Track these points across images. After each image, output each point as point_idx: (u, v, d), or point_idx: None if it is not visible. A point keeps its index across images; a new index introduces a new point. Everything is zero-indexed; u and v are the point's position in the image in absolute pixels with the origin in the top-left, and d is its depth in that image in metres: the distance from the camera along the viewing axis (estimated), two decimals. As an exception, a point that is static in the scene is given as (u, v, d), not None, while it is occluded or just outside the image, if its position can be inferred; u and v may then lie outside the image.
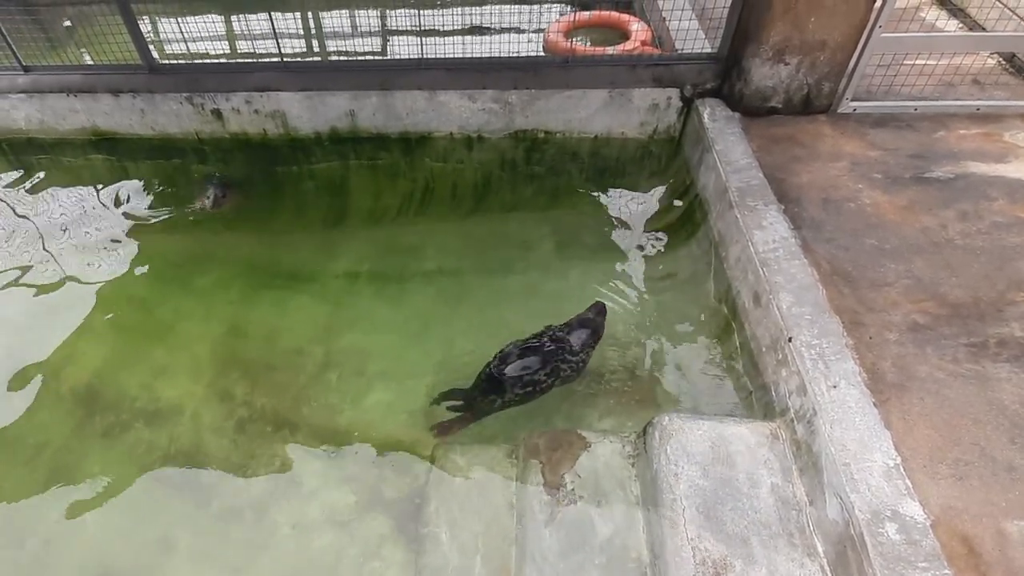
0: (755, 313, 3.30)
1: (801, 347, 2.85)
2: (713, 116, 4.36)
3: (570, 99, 4.61)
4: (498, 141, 4.92)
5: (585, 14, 5.87)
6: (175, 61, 5.73)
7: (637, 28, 5.77)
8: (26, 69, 5.19)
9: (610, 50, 5.00)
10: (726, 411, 3.28)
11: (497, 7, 6.03)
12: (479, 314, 4.09)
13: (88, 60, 6.40)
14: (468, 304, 4.15)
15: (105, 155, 5.48)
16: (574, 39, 5.73)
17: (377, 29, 6.72)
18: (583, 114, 4.69)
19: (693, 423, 2.88)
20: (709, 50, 4.48)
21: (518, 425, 3.46)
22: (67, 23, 7.16)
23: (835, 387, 2.69)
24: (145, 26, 6.11)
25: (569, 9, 6.62)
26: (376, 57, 6.09)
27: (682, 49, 4.56)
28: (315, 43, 6.90)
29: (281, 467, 3.46)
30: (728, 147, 4.06)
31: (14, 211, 5.18)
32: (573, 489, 2.91)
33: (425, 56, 4.52)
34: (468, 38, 4.93)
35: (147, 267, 4.63)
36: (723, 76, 4.44)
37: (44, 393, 3.80)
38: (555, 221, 4.71)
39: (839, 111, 4.35)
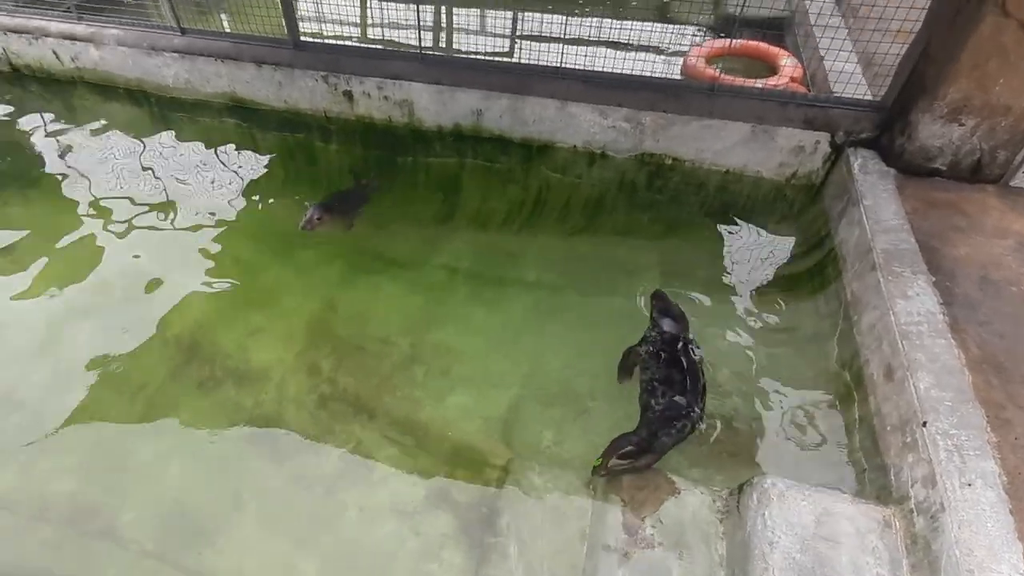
0: (885, 388, 3.26)
1: (936, 435, 2.80)
2: (865, 168, 4.34)
3: (708, 129, 4.76)
4: (622, 161, 5.13)
5: (730, 42, 6.00)
6: (318, 39, 6.41)
7: (788, 63, 5.83)
8: (183, 31, 6.03)
9: (756, 83, 5.09)
10: (829, 485, 3.24)
11: (637, 24, 6.29)
12: (573, 333, 4.27)
13: (227, 28, 7.31)
14: (563, 321, 4.34)
15: (237, 121, 6.23)
16: (715, 67, 5.87)
17: (507, 31, 7.18)
18: (719, 146, 4.81)
19: (798, 492, 2.89)
20: (870, 97, 4.48)
21: (598, 454, 3.58)
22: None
23: (970, 485, 2.63)
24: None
25: (709, 35, 6.78)
26: (503, 60, 6.51)
27: (839, 93, 4.59)
28: (443, 38, 7.46)
29: (355, 449, 3.77)
30: (878, 204, 4.04)
31: (136, 157, 5.97)
32: (653, 534, 3.00)
33: (563, 65, 4.82)
34: (601, 52, 5.19)
35: (256, 233, 5.18)
36: (883, 127, 4.42)
37: (153, 336, 4.35)
38: (667, 251, 4.84)
39: (1011, 184, 4.20)
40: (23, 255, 4.85)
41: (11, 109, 6.57)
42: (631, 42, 6.03)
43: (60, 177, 5.66)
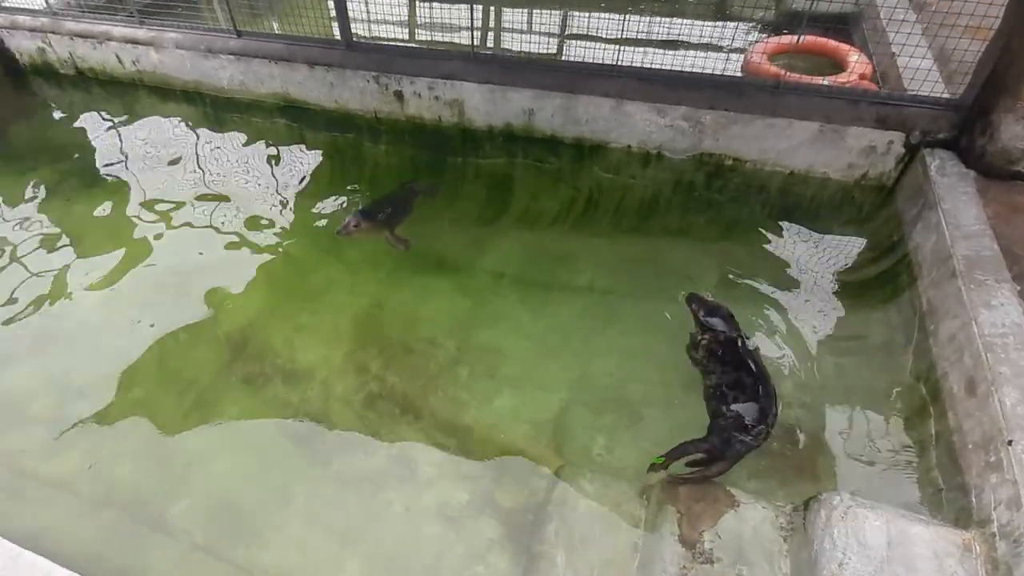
0: (966, 403, 3.09)
1: (1023, 454, 2.64)
2: (942, 170, 4.16)
3: (772, 128, 4.65)
4: (679, 162, 5.06)
5: (794, 38, 5.85)
6: (369, 40, 6.57)
7: (856, 60, 5.65)
8: (239, 34, 6.28)
9: (822, 81, 4.95)
10: (902, 504, 3.10)
11: (694, 21, 6.22)
12: (624, 338, 4.21)
13: (276, 29, 7.56)
14: (615, 326, 4.30)
15: (289, 121, 6.44)
16: (778, 64, 5.74)
17: (558, 30, 7.20)
18: (783, 146, 4.70)
19: (870, 511, 2.77)
20: (948, 96, 4.30)
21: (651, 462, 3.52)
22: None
23: (1063, 509, 2.47)
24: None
25: (769, 32, 6.64)
26: (556, 59, 6.53)
27: (914, 91, 4.42)
28: (492, 38, 7.53)
29: (402, 449, 3.81)
30: (958, 208, 3.86)
31: (191, 154, 6.22)
32: (712, 549, 2.91)
33: (619, 63, 4.80)
34: (656, 50, 5.14)
35: (305, 232, 5.32)
36: (962, 128, 4.23)
37: (204, 331, 4.50)
38: (725, 254, 4.73)
39: (1106, 188, 3.95)
40: (86, 252, 5.11)
41: (77, 111, 6.95)
42: (687, 40, 5.96)
43: (120, 176, 5.95)
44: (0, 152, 6.40)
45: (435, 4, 7.77)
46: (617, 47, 4.85)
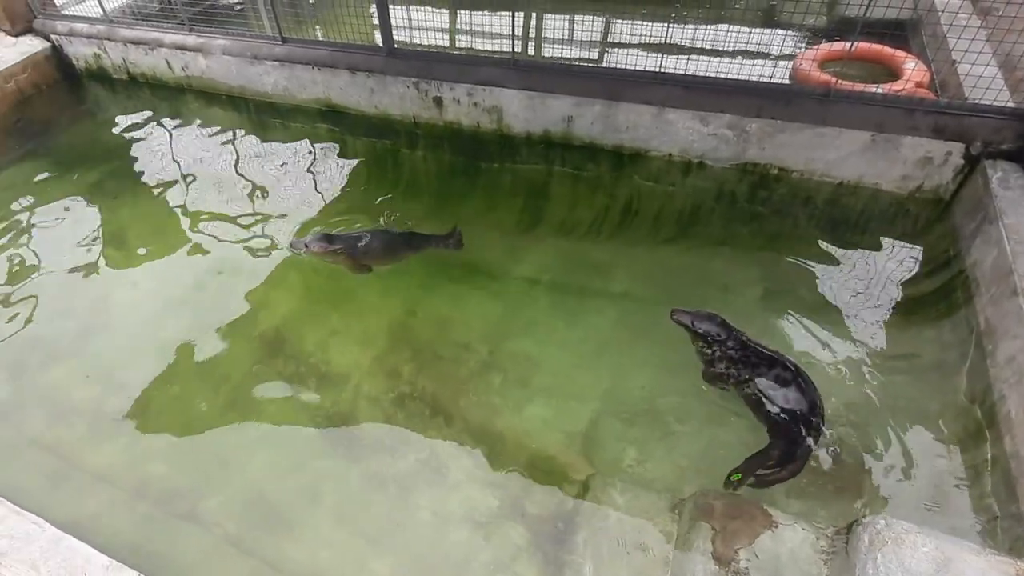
0: (1024, 426, 3.02)
1: (1088, 481, 2.58)
2: (1005, 183, 4.08)
3: (822, 137, 4.63)
4: (722, 171, 5.08)
5: (846, 45, 5.81)
6: (410, 47, 6.80)
7: (913, 67, 5.57)
8: (284, 40, 6.58)
9: (876, 89, 4.90)
10: (951, 531, 3.02)
11: (740, 28, 6.24)
12: (660, 349, 4.23)
13: (319, 36, 7.87)
14: (651, 336, 4.32)
15: (330, 125, 6.70)
16: (829, 71, 5.71)
17: (598, 37, 7.30)
18: (832, 156, 4.67)
19: (918, 536, 2.72)
20: (1013, 104, 4.22)
21: (686, 477, 3.53)
22: (312, 1, 8.87)
23: None
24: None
25: (819, 38, 6.59)
26: (597, 65, 6.63)
27: (975, 99, 4.35)
28: (532, 45, 7.69)
29: (431, 453, 3.90)
30: (1021, 222, 3.77)
31: (233, 158, 6.51)
32: (747, 569, 2.90)
33: (662, 69, 4.86)
34: (702, 57, 5.19)
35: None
36: (1027, 137, 4.15)
37: (241, 331, 4.70)
38: (768, 267, 4.72)
39: None
40: (129, 249, 5.41)
41: (126, 114, 7.37)
42: (733, 47, 5.98)
43: (165, 177, 6.28)
44: (54, 152, 6.82)
45: (475, 11, 7.98)
46: (660, 54, 4.90)
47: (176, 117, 7.21)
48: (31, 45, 7.59)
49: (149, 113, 7.31)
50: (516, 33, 5.60)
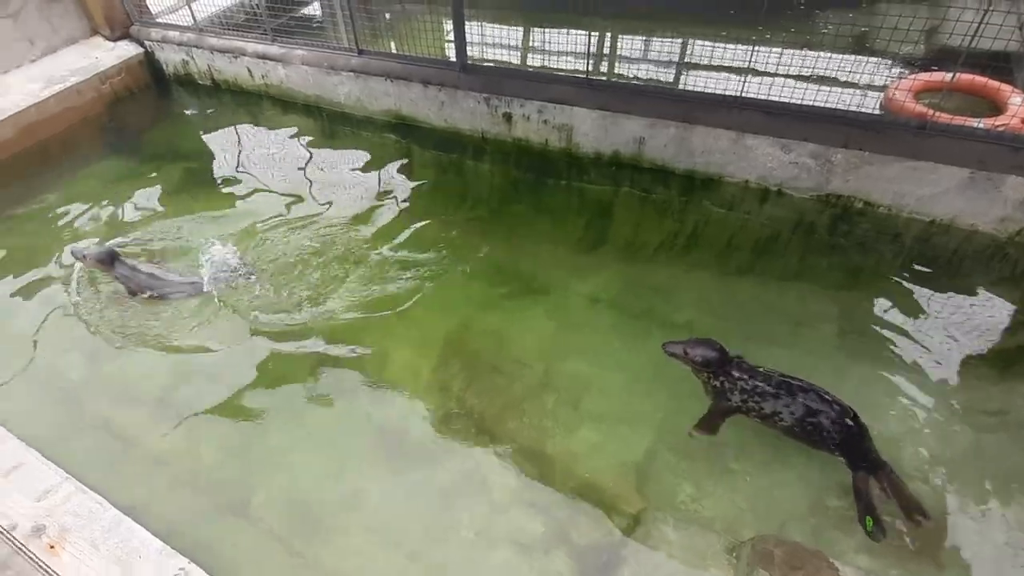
0: None
1: None
2: (1119, 227, 3.87)
3: (914, 171, 4.54)
4: (801, 201, 5.02)
5: (946, 75, 5.67)
6: (483, 63, 7.07)
7: (1019, 102, 5.37)
8: (360, 52, 6.96)
9: (977, 123, 4.76)
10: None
11: (828, 54, 6.17)
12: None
13: (394, 49, 8.27)
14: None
15: (398, 137, 7.02)
16: (924, 102, 5.56)
17: (675, 58, 7.33)
18: (925, 191, 4.56)
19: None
20: None
21: (744, 519, 3.46)
22: (388, 16, 9.34)
23: None
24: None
25: (912, 68, 6.44)
26: (675, 88, 6.68)
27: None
28: (605, 64, 7.82)
29: (477, 469, 3.97)
30: None
31: (303, 164, 6.88)
32: (806, 620, 2.82)
33: (743, 94, 4.88)
34: (786, 83, 5.16)
35: (400, 245, 5.68)
36: None
37: (300, 336, 4.87)
38: (846, 304, 4.61)
39: None
40: (202, 247, 5.77)
41: (207, 117, 7.94)
42: (819, 73, 5.92)
43: (239, 179, 6.70)
44: (140, 150, 7.40)
45: (549, 29, 8.20)
46: (741, 78, 4.92)
47: (253, 123, 7.70)
48: (126, 50, 8.33)
49: (228, 118, 7.84)
50: (591, 51, 5.75)
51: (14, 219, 6.34)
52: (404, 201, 6.21)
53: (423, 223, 5.89)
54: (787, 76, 5.74)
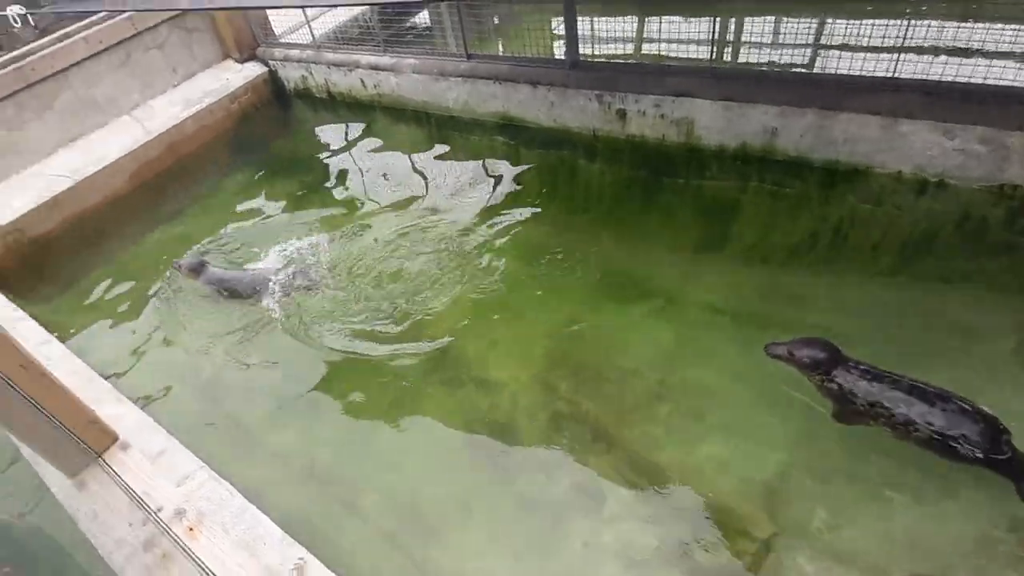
0: None
1: None
2: None
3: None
4: (968, 192, 4.42)
5: None
6: (594, 59, 6.87)
7: None
8: (468, 56, 6.99)
9: None
10: None
11: (1000, 25, 5.38)
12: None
13: (501, 51, 8.25)
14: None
15: (506, 138, 6.99)
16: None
17: (810, 40, 6.70)
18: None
19: None
20: None
21: (895, 557, 3.01)
22: (496, 20, 9.37)
23: None
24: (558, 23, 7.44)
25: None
26: (809, 71, 6.11)
27: None
28: (728, 51, 7.31)
29: (588, 479, 3.77)
30: None
31: (413, 169, 6.97)
32: None
33: (896, 74, 4.36)
34: (949, 59, 4.56)
35: (509, 248, 5.58)
36: None
37: (412, 337, 4.90)
38: (1025, 313, 3.94)
39: None
40: (316, 250, 5.97)
41: (324, 129, 8.33)
42: (988, 47, 5.17)
43: (353, 184, 6.96)
44: (263, 163, 7.88)
45: (665, 17, 7.79)
46: (894, 56, 4.38)
47: (367, 131, 8.00)
48: (253, 70, 8.94)
49: (342, 128, 8.20)
50: (714, 38, 5.38)
51: (162, 230, 6.95)
52: (511, 201, 6.12)
53: (532, 224, 5.78)
54: (948, 51, 5.07)
